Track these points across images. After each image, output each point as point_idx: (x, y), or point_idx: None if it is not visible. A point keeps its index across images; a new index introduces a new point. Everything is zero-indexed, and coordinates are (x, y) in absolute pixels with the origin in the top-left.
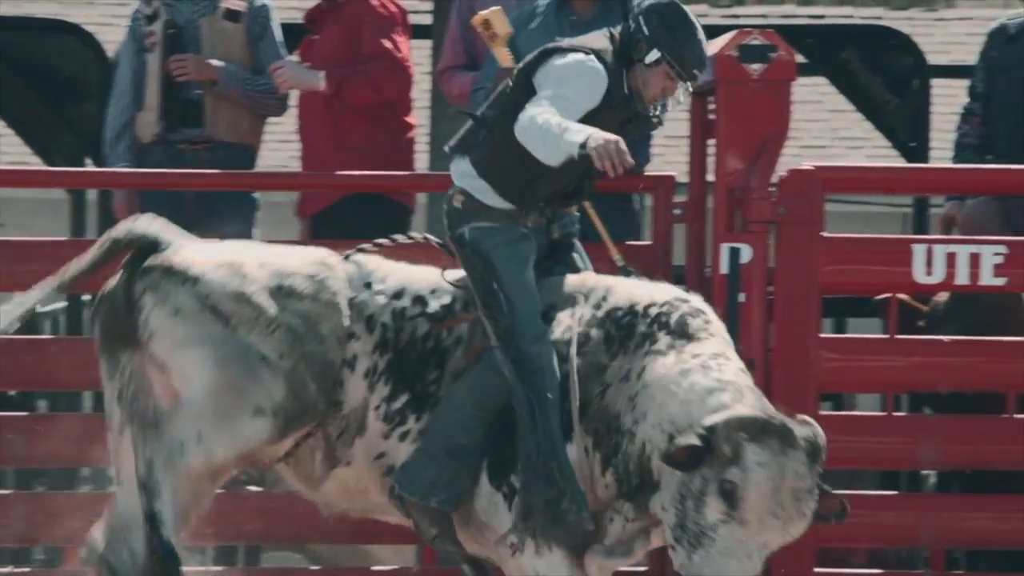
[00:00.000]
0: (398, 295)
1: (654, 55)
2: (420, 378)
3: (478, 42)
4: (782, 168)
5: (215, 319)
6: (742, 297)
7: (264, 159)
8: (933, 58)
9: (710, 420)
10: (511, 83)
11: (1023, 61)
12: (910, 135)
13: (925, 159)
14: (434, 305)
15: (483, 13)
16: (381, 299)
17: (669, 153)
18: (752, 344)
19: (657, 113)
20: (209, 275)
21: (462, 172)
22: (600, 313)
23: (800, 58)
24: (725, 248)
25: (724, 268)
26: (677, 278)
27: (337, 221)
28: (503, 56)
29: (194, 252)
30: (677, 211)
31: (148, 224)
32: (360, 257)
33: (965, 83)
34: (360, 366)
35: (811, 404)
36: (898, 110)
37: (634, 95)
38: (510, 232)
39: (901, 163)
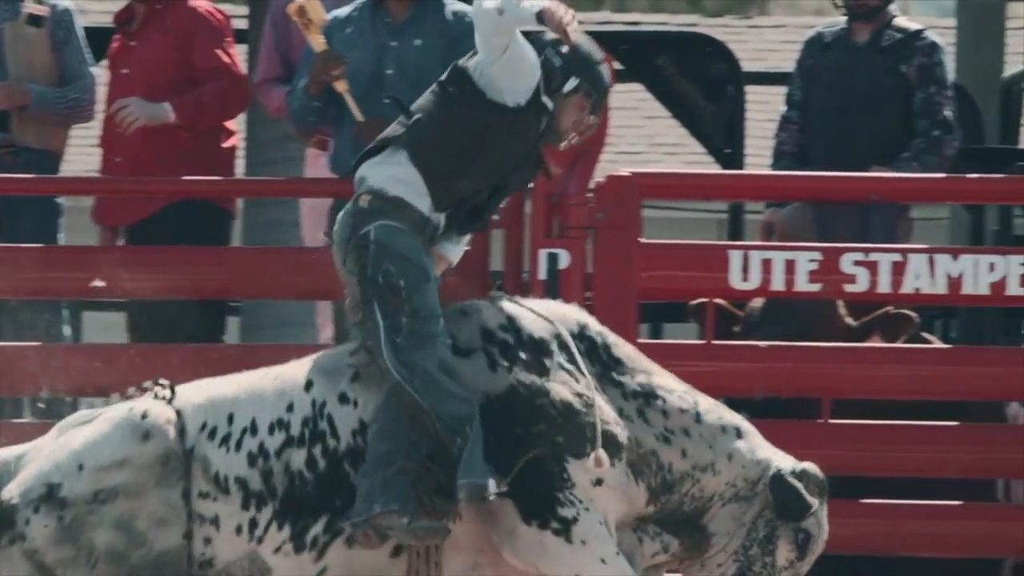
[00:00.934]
0: (246, 432)
1: (572, 83)
2: (329, 500)
3: (294, 52)
4: (599, 174)
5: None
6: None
7: (79, 164)
8: (747, 65)
9: (796, 466)
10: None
11: (839, 69)
12: (725, 141)
13: (740, 165)
14: (296, 423)
15: (296, 3)
16: (223, 451)
17: None
18: None
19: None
20: (33, 524)
21: (380, 171)
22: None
23: (616, 64)
24: (543, 254)
25: (542, 274)
26: (494, 284)
27: (158, 230)
28: (317, 43)
29: (17, 483)
30: (495, 217)
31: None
32: (182, 399)
33: (780, 90)
34: (227, 525)
35: None
36: (713, 116)
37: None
38: (415, 238)
39: (717, 169)
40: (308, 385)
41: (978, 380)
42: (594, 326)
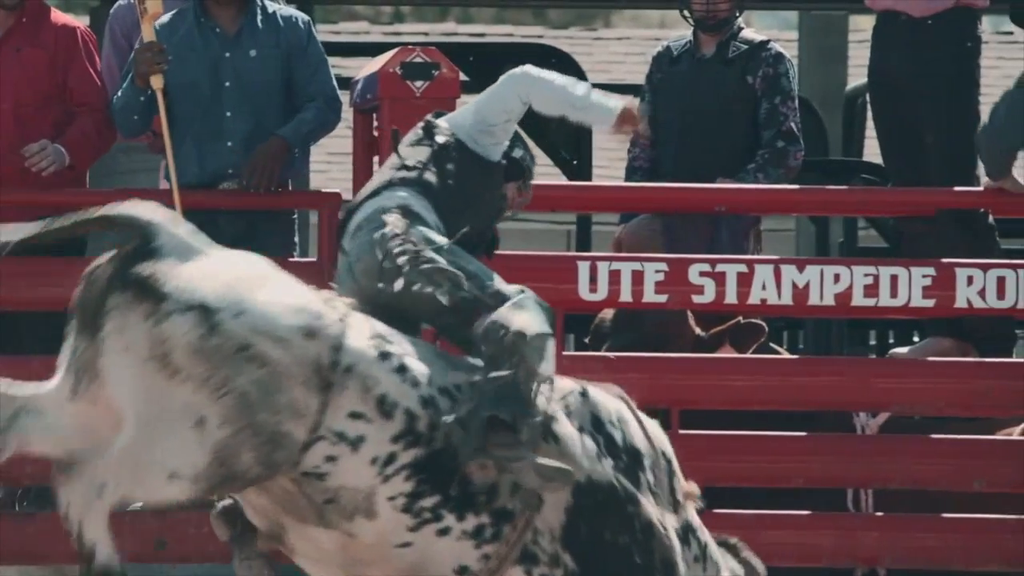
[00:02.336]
0: (421, 380)
1: (517, 152)
2: (450, 485)
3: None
4: None
5: (161, 369)
6: None
7: None
8: (593, 77)
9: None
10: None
11: (686, 83)
12: (572, 153)
13: (588, 176)
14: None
15: None
16: (397, 378)
17: (333, 170)
18: None
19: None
20: (175, 319)
21: (394, 195)
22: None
23: (462, 76)
24: None
25: None
26: None
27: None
28: (147, 33)
29: (176, 278)
30: None
31: (150, 214)
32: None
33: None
34: (367, 451)
35: None
36: (560, 128)
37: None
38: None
39: (564, 180)
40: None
41: (825, 390)
42: (670, 450)
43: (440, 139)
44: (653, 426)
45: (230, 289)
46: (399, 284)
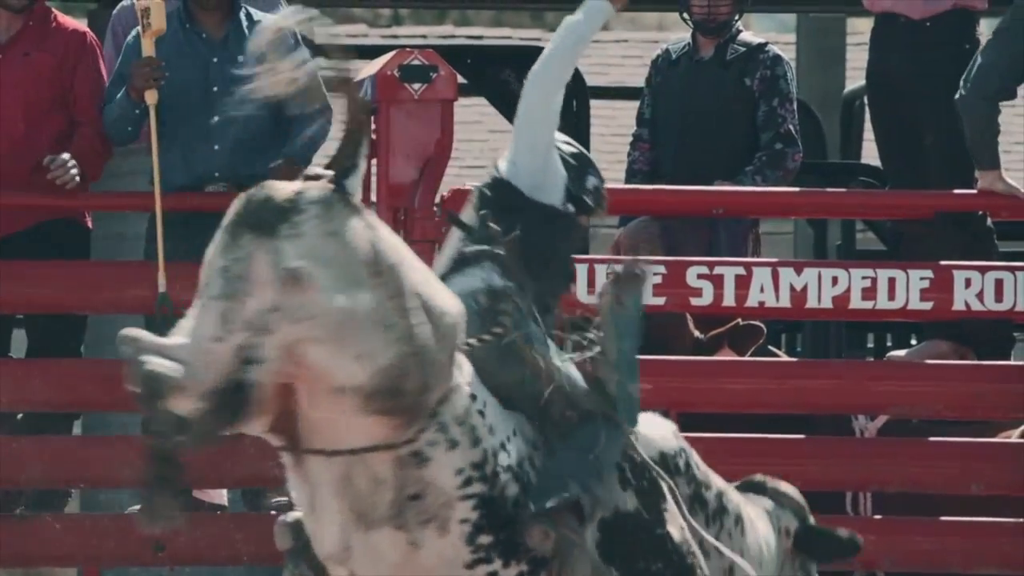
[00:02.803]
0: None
1: (592, 182)
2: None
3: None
4: (444, 188)
5: (364, 266)
6: None
7: None
8: (591, 79)
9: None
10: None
11: (685, 86)
12: None
13: None
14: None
15: (148, 1)
16: (480, 419)
17: None
18: None
19: None
20: (383, 231)
21: (477, 275)
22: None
23: (459, 79)
24: None
25: None
26: None
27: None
28: (147, 47)
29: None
30: None
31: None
32: None
33: (623, 104)
34: (457, 457)
35: None
36: (558, 131)
37: None
38: None
39: None
40: None
41: (823, 393)
42: (684, 443)
43: (502, 200)
44: (661, 427)
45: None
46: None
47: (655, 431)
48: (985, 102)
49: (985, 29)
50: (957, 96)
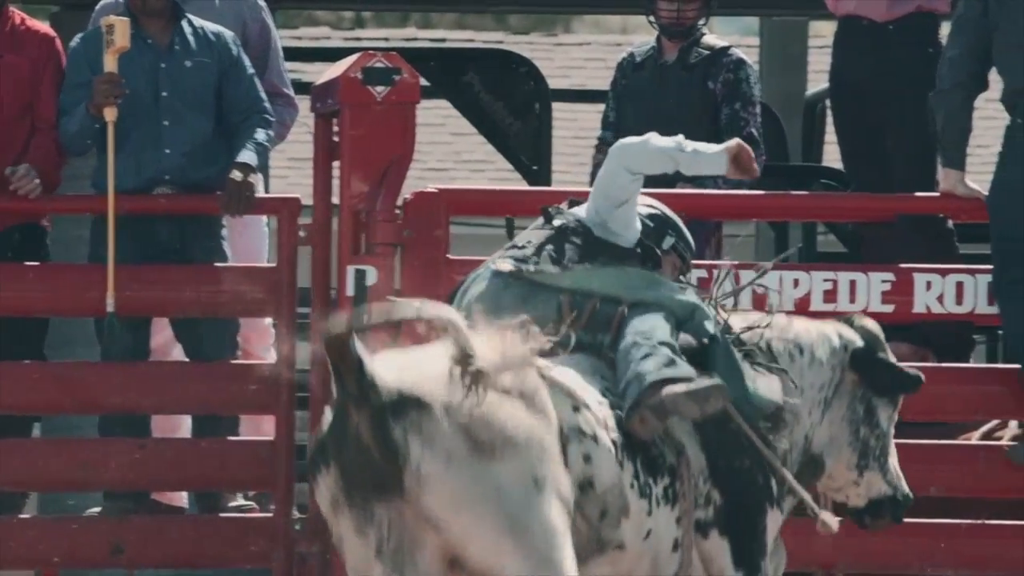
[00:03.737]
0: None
1: (668, 241)
2: (646, 448)
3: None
4: (407, 190)
5: (484, 457)
6: None
7: None
8: (554, 82)
9: (864, 326)
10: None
11: (649, 88)
12: (532, 158)
13: (548, 182)
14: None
15: (113, 18)
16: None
17: (293, 175)
18: None
19: None
20: (455, 404)
21: None
22: None
23: (422, 81)
24: (351, 270)
25: (350, 290)
26: (303, 301)
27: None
28: (111, 64)
29: (408, 375)
30: (302, 233)
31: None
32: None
33: (586, 107)
34: (602, 438)
35: None
36: (520, 133)
37: None
38: None
39: (524, 186)
40: None
41: None
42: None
43: (558, 222)
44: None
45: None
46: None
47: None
48: (958, 90)
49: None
50: (932, 92)
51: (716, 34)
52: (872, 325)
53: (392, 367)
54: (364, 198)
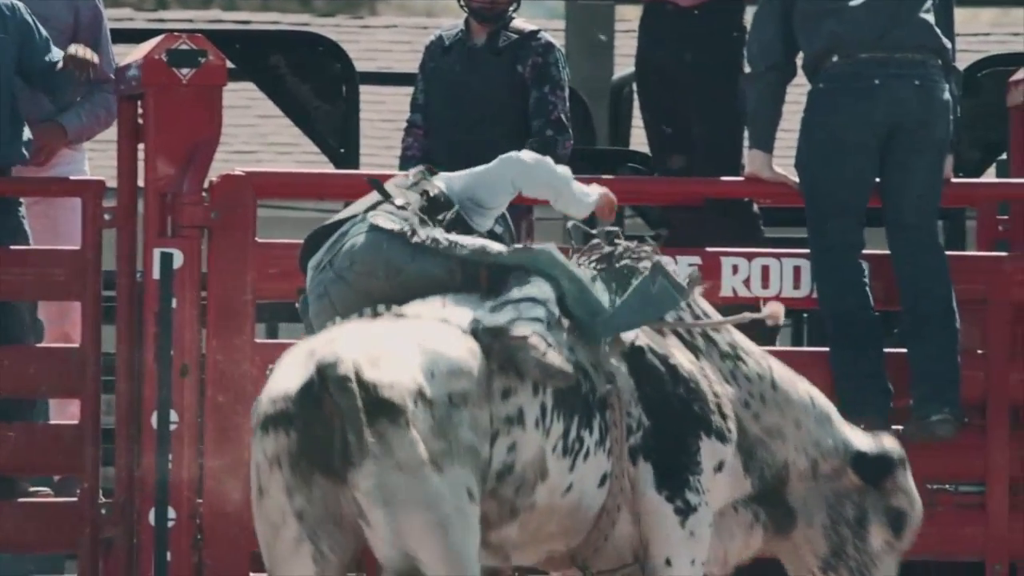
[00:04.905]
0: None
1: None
2: (578, 393)
3: None
4: (213, 173)
5: (429, 468)
6: (175, 303)
7: None
8: (360, 65)
9: (884, 445)
10: None
11: (458, 72)
12: (340, 141)
13: (355, 165)
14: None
15: None
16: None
17: (98, 158)
18: (185, 350)
19: None
20: (416, 414)
21: None
22: None
23: (228, 64)
24: (157, 253)
25: (156, 273)
26: (108, 284)
27: None
28: None
29: (387, 369)
30: (107, 216)
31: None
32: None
33: (393, 90)
34: (529, 417)
35: (246, 410)
36: (327, 116)
37: None
38: None
39: (331, 169)
40: None
41: None
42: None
43: (432, 191)
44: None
45: (403, 355)
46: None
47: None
48: (773, 72)
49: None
50: (744, 74)
51: (522, 18)
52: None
53: (368, 355)
54: (170, 181)
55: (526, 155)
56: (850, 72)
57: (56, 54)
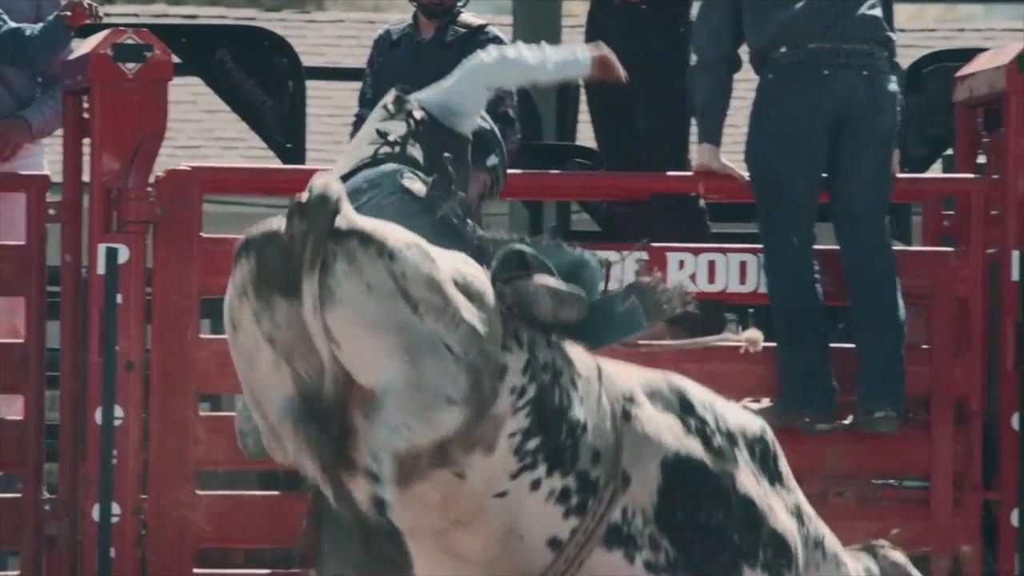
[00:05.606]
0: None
1: (493, 160)
2: (559, 431)
3: None
4: (159, 168)
5: (406, 303)
6: (120, 298)
7: None
8: (307, 60)
9: None
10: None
11: (406, 67)
12: (286, 136)
13: (302, 160)
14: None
15: None
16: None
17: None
18: (131, 346)
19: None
20: (407, 253)
21: None
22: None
23: (174, 58)
24: (102, 248)
25: (101, 269)
26: (53, 279)
27: None
28: None
29: (379, 223)
30: (52, 211)
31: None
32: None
33: (340, 85)
34: (509, 380)
35: (191, 406)
36: (274, 111)
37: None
38: None
39: (278, 164)
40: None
41: None
42: (770, 434)
43: (417, 114)
44: (750, 414)
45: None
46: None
47: (742, 416)
48: (723, 64)
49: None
50: (691, 66)
51: (470, 12)
52: (899, 558)
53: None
54: (115, 175)
55: (487, 56)
56: (799, 62)
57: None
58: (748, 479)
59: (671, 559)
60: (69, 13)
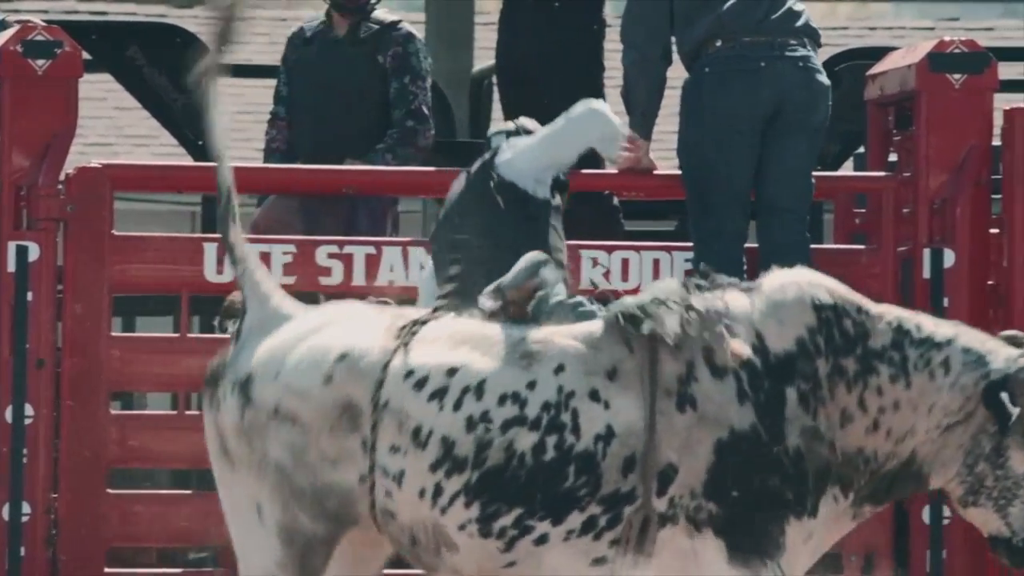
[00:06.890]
0: (468, 392)
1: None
2: (532, 494)
3: None
4: (69, 165)
5: (226, 462)
6: (30, 296)
7: None
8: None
9: (1008, 369)
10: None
11: (319, 63)
12: (198, 133)
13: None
14: (535, 403)
15: None
16: (433, 405)
17: None
18: (42, 344)
19: None
20: (226, 403)
21: None
22: None
23: (84, 55)
24: (12, 247)
25: (11, 267)
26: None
27: None
28: None
29: (239, 355)
30: None
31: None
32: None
33: (251, 82)
34: (411, 485)
35: (102, 403)
36: (185, 108)
37: None
38: None
39: (189, 161)
40: (558, 369)
41: None
42: (827, 297)
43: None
44: (791, 279)
45: (277, 349)
46: None
47: (790, 314)
48: (663, 62)
49: (612, 10)
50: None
51: (383, 8)
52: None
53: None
54: (25, 173)
55: (605, 107)
56: (735, 55)
57: None
58: (797, 427)
59: (717, 523)
60: None
